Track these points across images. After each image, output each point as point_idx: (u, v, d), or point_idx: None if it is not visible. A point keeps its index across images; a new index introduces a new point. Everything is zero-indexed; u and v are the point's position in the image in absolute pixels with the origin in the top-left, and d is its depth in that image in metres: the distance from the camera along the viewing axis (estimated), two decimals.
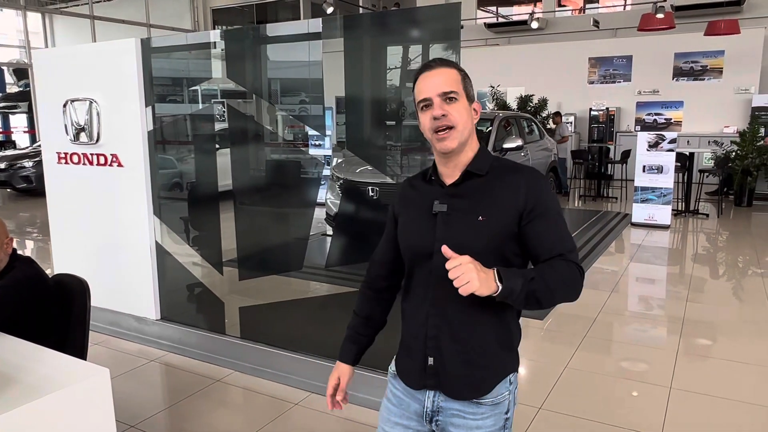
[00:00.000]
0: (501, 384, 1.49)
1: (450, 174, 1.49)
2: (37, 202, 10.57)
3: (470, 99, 1.47)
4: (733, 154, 9.64)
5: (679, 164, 8.45)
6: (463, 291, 1.25)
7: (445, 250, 1.30)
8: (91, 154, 4.01)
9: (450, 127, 1.42)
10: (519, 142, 6.99)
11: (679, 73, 12.75)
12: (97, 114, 3.89)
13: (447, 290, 1.39)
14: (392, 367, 1.64)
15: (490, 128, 7.10)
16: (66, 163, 4.15)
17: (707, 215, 8.90)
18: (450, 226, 1.44)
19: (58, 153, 4.17)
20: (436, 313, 1.46)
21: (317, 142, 3.88)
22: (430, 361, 1.48)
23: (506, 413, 1.51)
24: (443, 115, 1.41)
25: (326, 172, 4.45)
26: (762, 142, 9.83)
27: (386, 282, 1.69)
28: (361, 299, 1.72)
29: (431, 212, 1.47)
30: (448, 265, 1.28)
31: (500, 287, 1.28)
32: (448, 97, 1.42)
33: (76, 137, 4.01)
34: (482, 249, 1.39)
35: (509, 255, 1.44)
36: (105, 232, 4.09)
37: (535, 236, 1.41)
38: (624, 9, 14.73)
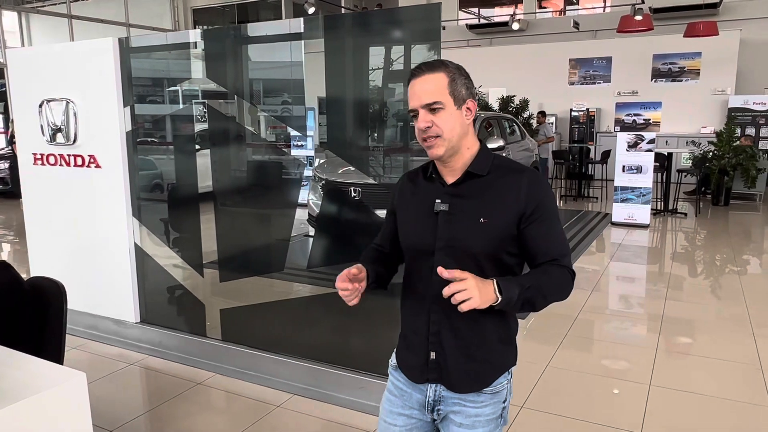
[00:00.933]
0: (502, 375, 1.56)
1: (450, 173, 1.51)
2: (13, 204, 10.38)
3: (460, 101, 1.45)
4: (711, 154, 9.81)
5: (657, 164, 8.57)
6: (464, 307, 1.29)
7: (441, 271, 1.31)
8: (68, 155, 3.95)
9: (437, 136, 1.43)
10: (501, 143, 7.02)
11: (657, 75, 12.94)
12: (74, 114, 3.83)
13: (446, 286, 1.43)
14: (393, 360, 1.67)
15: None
16: (42, 164, 4.08)
17: (685, 214, 9.03)
18: (451, 226, 1.46)
19: (34, 154, 4.10)
20: (438, 309, 1.49)
21: (299, 143, 3.86)
22: (432, 355, 1.52)
23: (504, 402, 1.57)
24: (428, 127, 1.43)
25: (308, 172, 4.43)
26: (738, 142, 10.02)
27: (389, 252, 1.68)
28: (369, 252, 1.69)
29: (432, 211, 1.49)
30: (448, 289, 1.30)
31: (499, 299, 1.33)
32: (431, 108, 1.42)
33: (53, 138, 3.94)
34: (481, 250, 1.44)
35: (504, 255, 1.47)
36: (83, 234, 4.02)
37: (533, 239, 1.45)
38: (603, 11, 14.91)
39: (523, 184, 1.45)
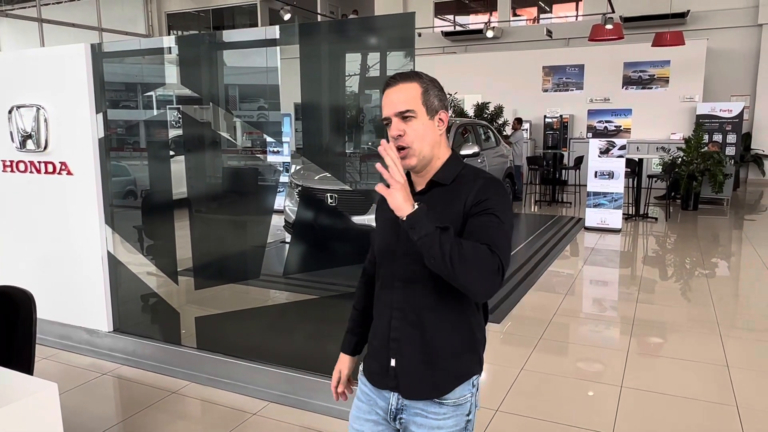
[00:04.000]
0: (464, 386, 1.52)
1: (419, 181, 1.54)
2: None
3: (432, 111, 1.47)
4: (680, 159, 10.04)
5: (629, 170, 8.74)
6: (386, 189, 1.35)
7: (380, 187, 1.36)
8: (39, 162, 3.88)
9: (406, 148, 1.44)
10: (476, 149, 7.10)
11: (628, 82, 13.21)
12: (45, 121, 3.77)
13: (408, 294, 1.48)
14: (362, 366, 1.69)
15: (448, 135, 7.18)
16: (12, 171, 4.00)
17: (656, 219, 9.23)
18: None
19: (3, 161, 4.02)
20: (399, 316, 1.50)
21: (275, 149, 3.86)
22: (393, 362, 1.52)
23: (468, 414, 1.54)
24: (399, 135, 1.45)
25: (284, 179, 4.42)
26: (706, 148, 10.28)
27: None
28: (358, 293, 1.76)
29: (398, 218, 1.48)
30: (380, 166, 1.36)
31: (415, 207, 1.33)
32: (404, 116, 1.44)
33: (23, 145, 3.87)
34: None
35: None
36: (54, 242, 3.96)
37: (470, 228, 1.40)
38: (576, 19, 15.18)
39: (476, 187, 1.45)
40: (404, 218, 1.33)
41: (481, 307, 1.58)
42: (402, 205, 1.34)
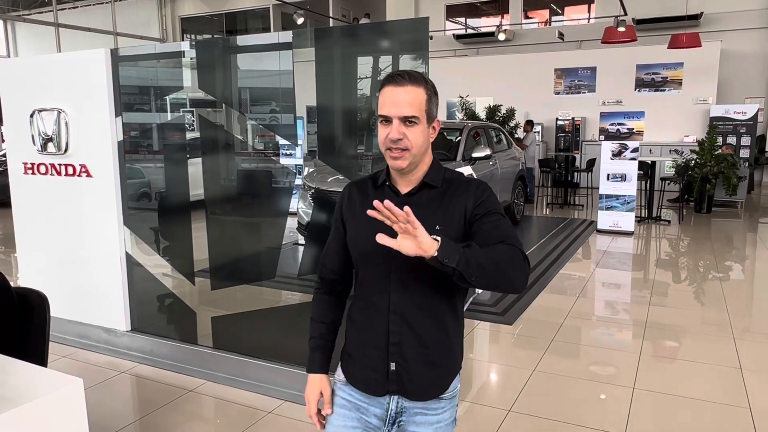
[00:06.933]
0: (456, 378, 1.58)
1: (405, 183, 1.53)
2: (1, 213, 10.28)
3: (431, 119, 1.48)
4: (693, 162, 9.98)
5: (641, 172, 8.71)
6: (407, 249, 1.26)
7: (380, 237, 1.28)
8: (59, 165, 3.96)
9: (405, 149, 1.44)
10: (487, 152, 7.11)
11: (641, 84, 13.15)
12: (66, 124, 3.85)
13: (405, 295, 1.48)
14: (340, 376, 1.65)
15: (460, 138, 7.21)
16: (33, 173, 4.09)
17: (669, 222, 9.18)
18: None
19: (25, 163, 4.11)
20: (397, 319, 1.49)
21: (288, 152, 3.91)
22: (393, 366, 1.51)
23: (457, 405, 1.62)
24: (399, 139, 1.43)
25: (298, 181, 4.47)
26: (719, 150, 10.21)
27: (342, 286, 1.70)
28: (321, 306, 1.70)
29: None
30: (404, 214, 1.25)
31: (439, 242, 1.27)
32: (408, 121, 1.43)
33: (44, 147, 3.96)
34: None
35: None
36: (73, 243, 4.03)
37: (480, 232, 1.44)
38: (588, 22, 15.14)
39: (471, 191, 1.50)
40: (436, 254, 1.26)
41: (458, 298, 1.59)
42: (429, 244, 1.26)
